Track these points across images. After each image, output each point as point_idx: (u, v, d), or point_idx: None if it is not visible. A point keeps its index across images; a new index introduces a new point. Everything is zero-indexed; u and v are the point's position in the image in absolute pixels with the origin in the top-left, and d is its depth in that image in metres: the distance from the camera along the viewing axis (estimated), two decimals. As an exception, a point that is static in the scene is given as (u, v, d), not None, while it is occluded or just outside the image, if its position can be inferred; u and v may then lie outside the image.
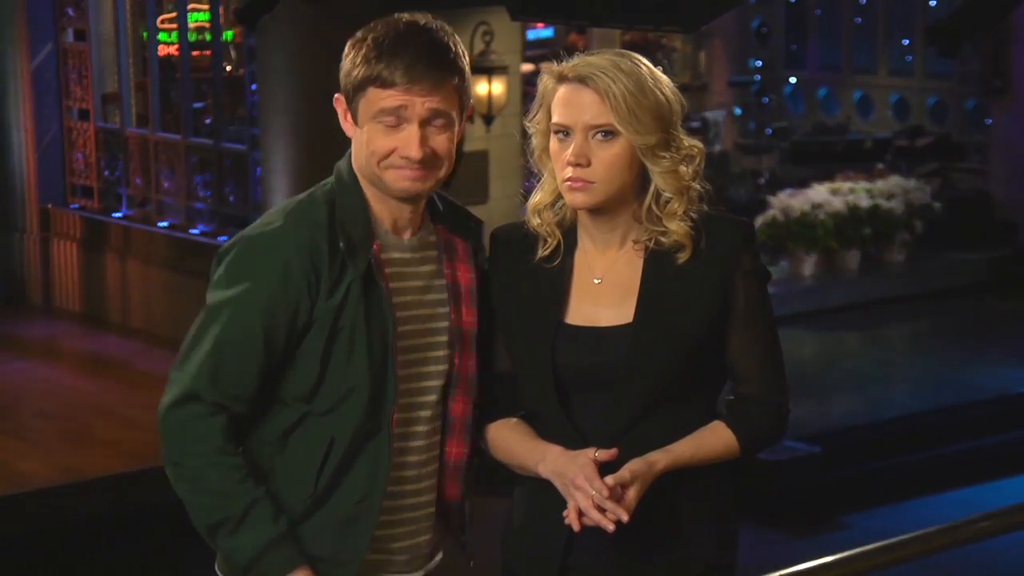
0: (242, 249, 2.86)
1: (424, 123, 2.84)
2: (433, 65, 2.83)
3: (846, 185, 13.56)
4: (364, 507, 2.87)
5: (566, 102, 2.89)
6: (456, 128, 2.91)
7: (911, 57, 16.68)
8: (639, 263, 2.96)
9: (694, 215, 2.96)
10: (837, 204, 13.21)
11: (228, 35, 12.44)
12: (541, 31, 16.42)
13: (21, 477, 9.28)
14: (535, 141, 2.98)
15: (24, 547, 8.67)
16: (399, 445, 2.91)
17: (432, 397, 2.95)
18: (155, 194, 12.61)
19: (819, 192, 13.36)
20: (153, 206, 12.64)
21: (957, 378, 11.11)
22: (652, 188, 2.94)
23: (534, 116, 2.97)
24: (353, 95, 2.88)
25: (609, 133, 2.88)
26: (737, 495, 3.07)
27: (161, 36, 12.70)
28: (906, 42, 16.73)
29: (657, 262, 2.95)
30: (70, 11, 13.01)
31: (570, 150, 2.87)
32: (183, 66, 12.42)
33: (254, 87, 11.51)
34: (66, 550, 8.78)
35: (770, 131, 16.94)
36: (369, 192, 2.92)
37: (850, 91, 17.17)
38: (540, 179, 3.02)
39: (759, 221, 13.24)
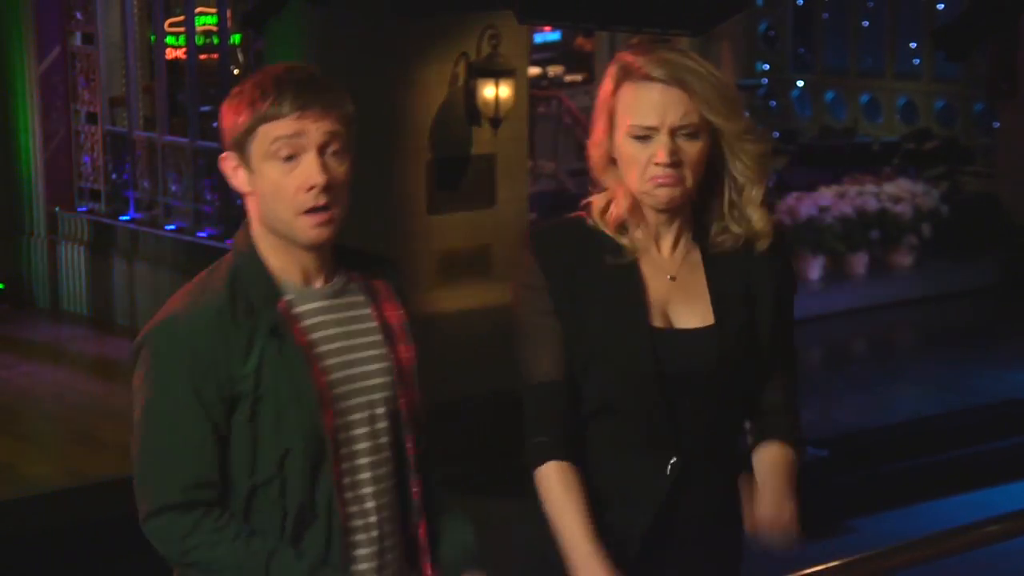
0: (151, 341, 2.90)
1: (321, 149, 2.78)
2: (321, 91, 2.80)
3: (853, 188, 13.55)
4: (328, 560, 2.84)
5: (651, 102, 2.84)
6: (350, 159, 2.84)
7: (919, 60, 16.66)
8: (699, 262, 2.96)
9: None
10: (844, 207, 13.20)
11: (236, 38, 12.44)
12: (548, 34, 16.43)
13: (28, 480, 9.28)
14: (601, 144, 2.92)
15: (31, 550, 8.68)
16: (355, 493, 2.87)
17: (383, 439, 2.90)
18: (162, 197, 12.61)
19: (826, 195, 13.35)
20: (161, 209, 12.64)
21: (965, 382, 11.09)
22: (728, 180, 2.92)
23: (598, 113, 2.91)
24: (243, 141, 2.80)
25: (694, 131, 2.85)
26: None
27: (169, 39, 12.70)
28: (914, 45, 16.71)
29: (716, 261, 2.96)
30: (78, 15, 13.02)
31: (660, 150, 2.83)
32: (190, 69, 12.42)
33: (261, 90, 11.50)
34: (73, 553, 8.78)
35: (777, 134, 16.93)
36: (272, 249, 2.85)
37: (857, 94, 17.15)
38: (600, 188, 2.97)
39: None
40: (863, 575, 3.61)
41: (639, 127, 2.84)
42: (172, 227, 12.42)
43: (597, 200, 2.95)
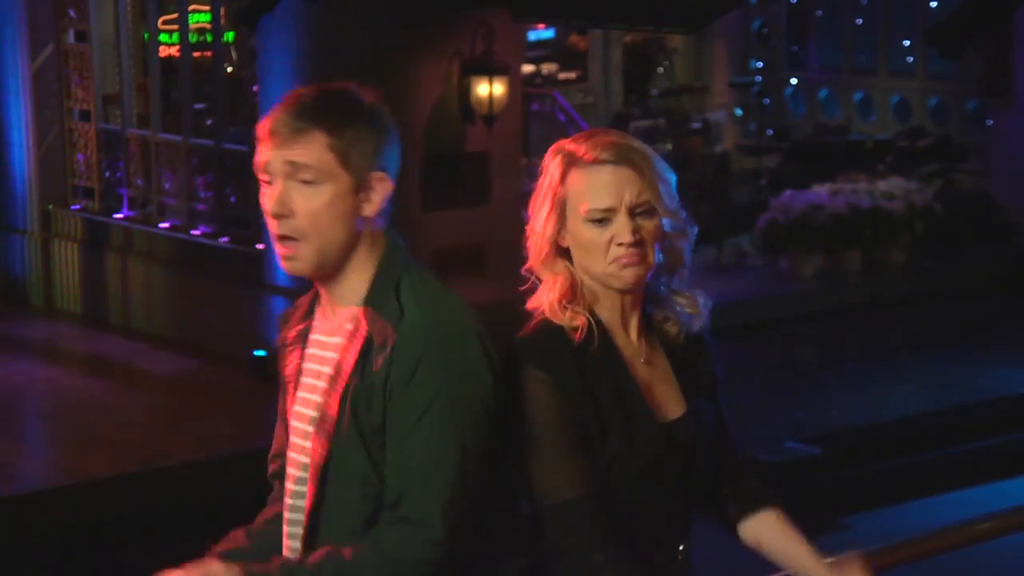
0: None
1: (285, 178, 2.66)
2: (293, 114, 2.65)
3: (847, 186, 13.57)
4: None
5: (604, 184, 2.82)
6: (332, 189, 2.66)
7: (912, 58, 16.68)
8: (657, 345, 2.94)
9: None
10: (838, 205, 13.22)
11: (229, 36, 12.45)
12: (542, 32, 16.44)
13: (22, 478, 9.29)
14: (546, 234, 2.86)
15: (25, 548, 8.68)
16: (290, 519, 2.85)
17: (299, 487, 2.81)
18: (156, 195, 12.61)
19: (820, 193, 13.37)
20: (154, 207, 12.63)
21: (958, 379, 11.11)
22: (663, 266, 2.90)
23: (542, 204, 2.86)
24: None
25: (649, 209, 2.83)
26: None
27: (162, 37, 12.70)
28: (907, 43, 16.72)
29: (670, 345, 2.95)
30: (71, 12, 13.01)
31: (623, 230, 2.80)
32: (184, 67, 12.42)
33: (255, 88, 11.51)
34: (67, 551, 8.79)
35: (771, 132, 16.94)
36: None
37: (851, 92, 17.17)
38: (539, 280, 2.88)
39: (760, 222, 13.25)
40: (856, 573, 3.61)
41: (597, 210, 2.81)
42: (165, 225, 12.41)
43: (549, 298, 2.86)
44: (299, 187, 2.65)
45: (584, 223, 2.83)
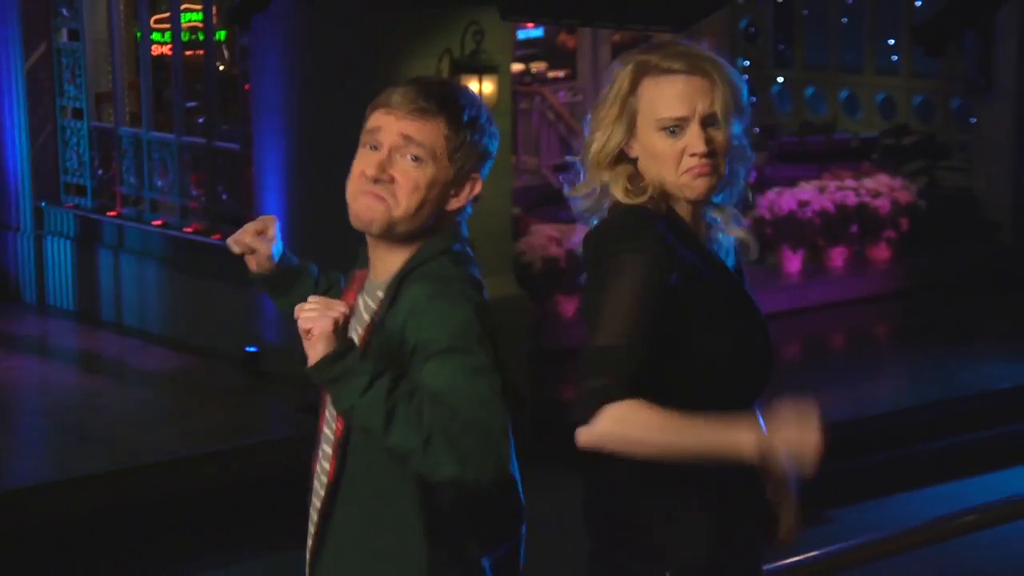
0: None
1: (394, 149, 2.78)
2: (421, 95, 2.79)
3: (833, 183, 13.64)
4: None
5: (677, 94, 2.82)
6: (434, 172, 2.79)
7: (897, 56, 16.76)
8: (717, 253, 2.95)
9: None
10: (824, 202, 13.29)
11: (221, 35, 12.49)
12: (531, 31, 16.48)
13: (15, 474, 9.32)
14: (612, 141, 2.86)
15: (17, 544, 8.71)
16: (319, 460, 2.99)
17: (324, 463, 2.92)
18: (148, 192, 12.66)
19: (806, 190, 13.44)
20: (146, 204, 12.69)
21: (942, 374, 11.19)
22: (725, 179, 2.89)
23: (609, 111, 2.86)
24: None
25: (720, 119, 2.84)
26: None
27: (154, 36, 12.75)
28: (892, 41, 16.80)
29: (725, 255, 2.97)
30: (64, 11, 13.05)
31: (696, 140, 2.80)
32: (176, 65, 12.47)
33: (247, 86, 11.56)
34: (60, 547, 8.83)
35: (757, 130, 16.99)
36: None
37: (837, 90, 17.25)
38: (598, 183, 2.87)
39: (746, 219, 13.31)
40: (842, 565, 3.68)
41: (669, 119, 2.81)
42: (158, 222, 12.46)
43: (617, 188, 2.86)
44: (404, 160, 2.78)
45: (656, 132, 2.83)
